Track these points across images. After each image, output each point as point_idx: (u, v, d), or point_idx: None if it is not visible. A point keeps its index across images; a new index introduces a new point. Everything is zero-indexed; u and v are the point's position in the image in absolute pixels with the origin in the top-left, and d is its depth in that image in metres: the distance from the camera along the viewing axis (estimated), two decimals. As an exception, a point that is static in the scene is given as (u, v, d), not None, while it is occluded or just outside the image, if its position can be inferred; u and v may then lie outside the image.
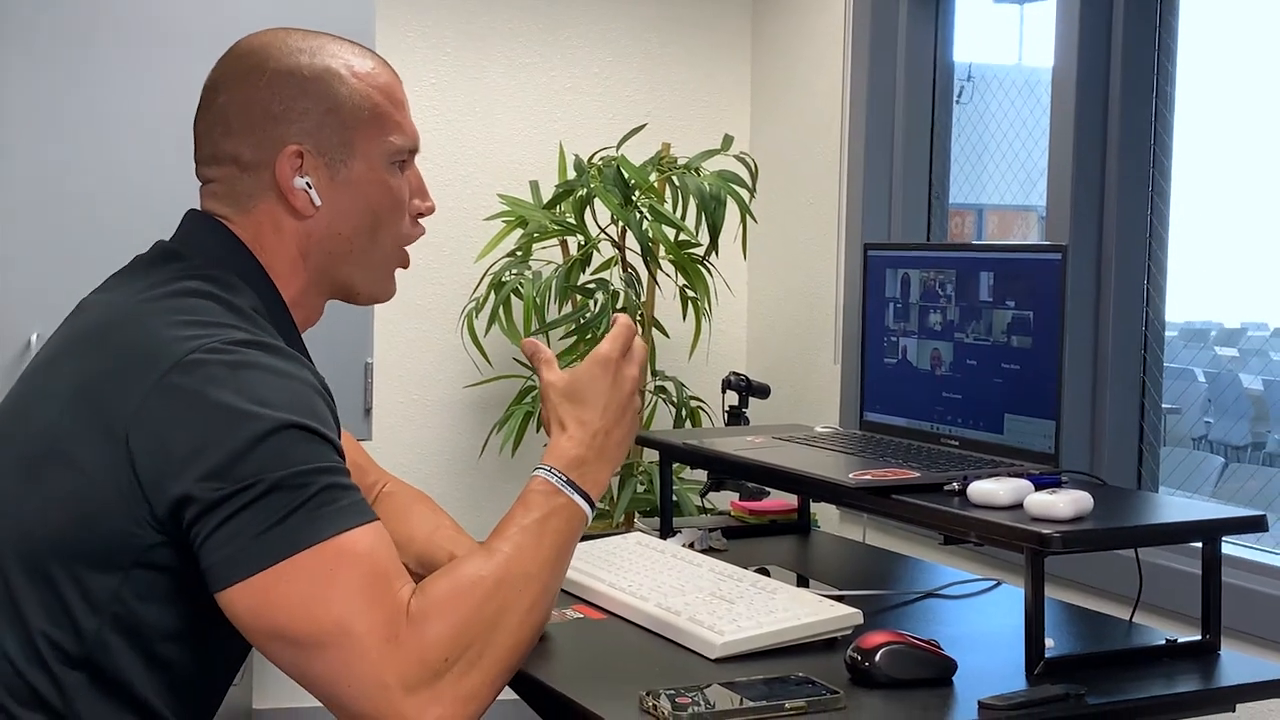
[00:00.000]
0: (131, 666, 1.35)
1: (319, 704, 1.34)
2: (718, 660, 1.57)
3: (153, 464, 1.30)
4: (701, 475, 2.45)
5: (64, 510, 1.33)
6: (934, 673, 1.53)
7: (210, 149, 1.51)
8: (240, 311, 1.42)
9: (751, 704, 1.39)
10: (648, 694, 1.40)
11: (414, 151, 1.56)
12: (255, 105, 1.47)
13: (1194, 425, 3.98)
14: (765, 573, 1.92)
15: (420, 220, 1.58)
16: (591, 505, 1.48)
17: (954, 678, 1.53)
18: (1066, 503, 1.62)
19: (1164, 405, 3.07)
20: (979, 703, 1.46)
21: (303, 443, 1.31)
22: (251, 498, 1.28)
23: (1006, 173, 3.37)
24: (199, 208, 1.53)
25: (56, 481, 1.35)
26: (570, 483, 1.46)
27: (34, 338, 2.99)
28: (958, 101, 3.55)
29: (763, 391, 2.89)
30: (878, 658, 1.50)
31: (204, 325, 1.37)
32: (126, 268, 1.53)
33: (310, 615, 1.28)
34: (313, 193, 1.48)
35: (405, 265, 1.59)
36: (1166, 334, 2.81)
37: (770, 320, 3.95)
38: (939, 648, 1.56)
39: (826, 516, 3.35)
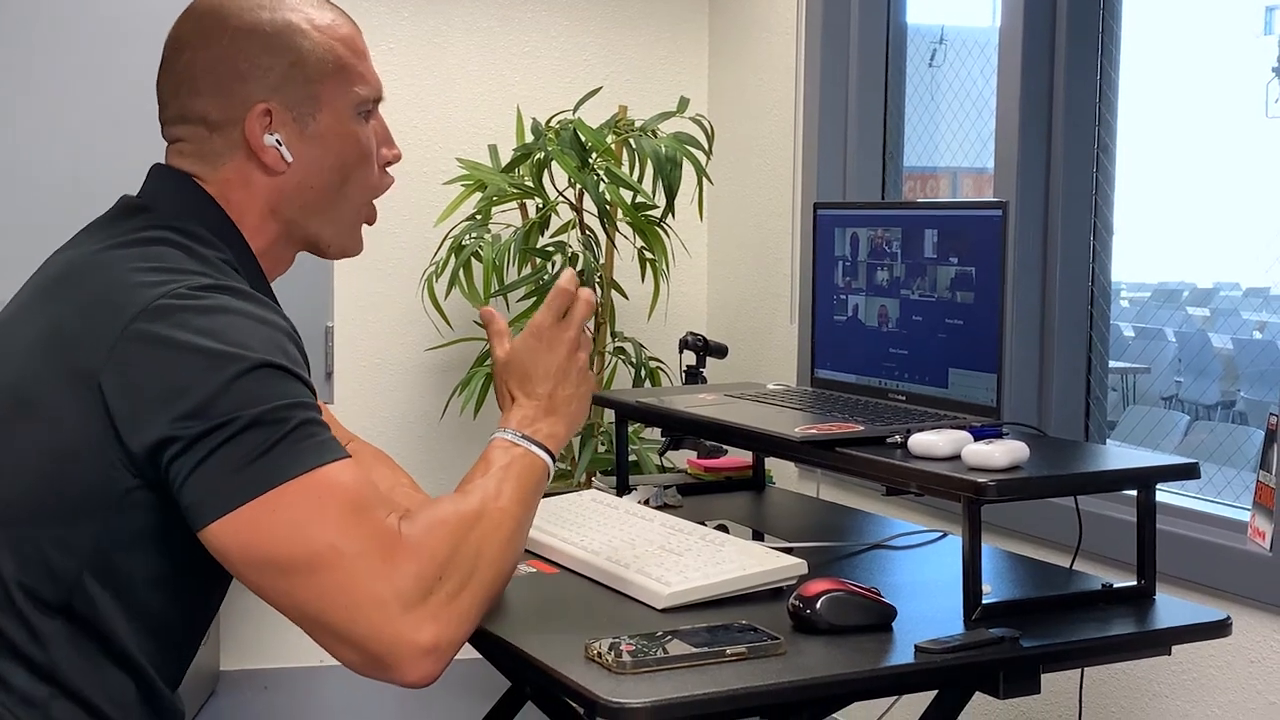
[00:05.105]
0: (112, 615, 1.36)
1: (284, 665, 1.37)
2: (664, 610, 1.61)
3: (127, 407, 1.31)
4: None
5: (37, 464, 1.34)
6: (873, 619, 1.57)
7: (177, 109, 1.51)
8: (205, 260, 1.43)
9: (693, 649, 1.43)
10: (594, 642, 1.44)
11: (378, 100, 1.58)
12: (220, 65, 1.48)
13: (1164, 384, 4.01)
14: (724, 528, 1.96)
15: (389, 170, 1.60)
16: (551, 456, 1.53)
17: (893, 624, 1.58)
18: (1003, 453, 1.66)
19: (1134, 365, 3.09)
20: (915, 646, 1.50)
21: (278, 380, 1.34)
22: (231, 433, 1.30)
23: (980, 135, 3.39)
24: (165, 163, 1.53)
25: (28, 435, 1.35)
26: (524, 437, 1.52)
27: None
28: (930, 64, 3.57)
29: (720, 351, 2.92)
30: (818, 605, 1.54)
31: (169, 271, 1.38)
32: (92, 223, 1.52)
33: (302, 539, 1.30)
34: (283, 149, 1.50)
35: (372, 221, 1.61)
36: (1140, 295, 2.83)
37: (729, 281, 3.98)
38: (880, 595, 1.60)
39: (784, 474, 3.40)
